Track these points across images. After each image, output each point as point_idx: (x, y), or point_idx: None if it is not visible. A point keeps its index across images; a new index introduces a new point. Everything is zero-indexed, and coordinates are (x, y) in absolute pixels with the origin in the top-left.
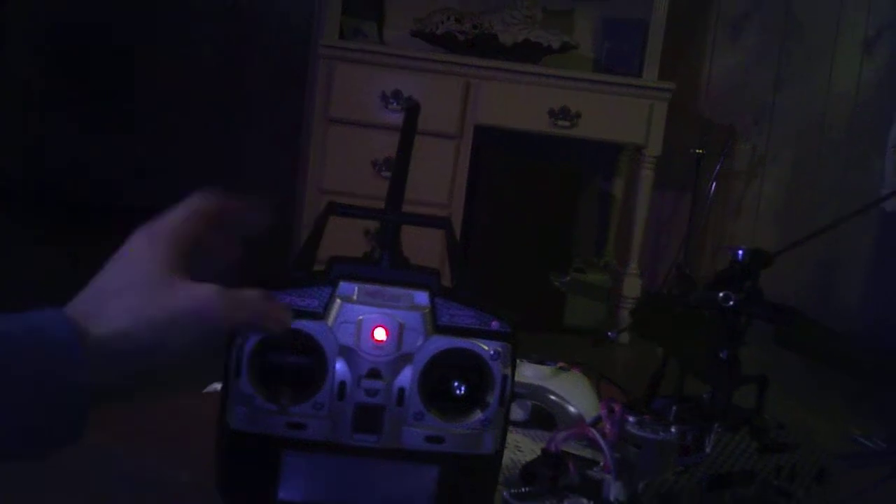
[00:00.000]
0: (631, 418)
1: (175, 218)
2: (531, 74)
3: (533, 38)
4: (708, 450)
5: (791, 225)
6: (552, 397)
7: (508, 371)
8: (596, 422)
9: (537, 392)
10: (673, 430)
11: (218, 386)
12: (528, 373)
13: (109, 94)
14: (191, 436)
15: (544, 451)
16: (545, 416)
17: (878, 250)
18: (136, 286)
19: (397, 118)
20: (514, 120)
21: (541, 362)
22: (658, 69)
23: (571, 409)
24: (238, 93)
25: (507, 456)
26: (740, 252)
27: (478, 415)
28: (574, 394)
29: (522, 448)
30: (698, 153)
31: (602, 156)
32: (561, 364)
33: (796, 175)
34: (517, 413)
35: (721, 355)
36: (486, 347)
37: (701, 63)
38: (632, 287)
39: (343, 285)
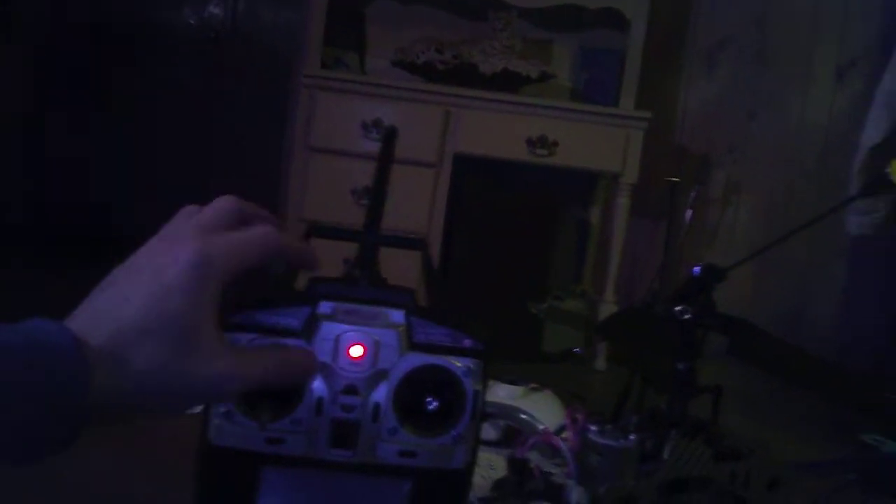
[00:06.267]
0: (593, 427)
1: (238, 251)
2: (510, 103)
3: (512, 67)
4: (666, 456)
5: (766, 253)
6: (523, 416)
7: (480, 387)
8: (560, 431)
9: (509, 411)
10: (632, 437)
11: (198, 408)
12: (501, 393)
13: (87, 123)
14: (171, 455)
15: (510, 458)
16: (518, 436)
17: (849, 276)
18: (167, 336)
19: (378, 147)
20: (493, 148)
21: (513, 383)
22: (634, 99)
23: (541, 427)
24: (220, 122)
25: (480, 474)
26: (696, 269)
27: (450, 430)
28: (544, 413)
29: (495, 466)
30: (674, 181)
31: (579, 184)
32: (533, 385)
33: (770, 203)
34: (490, 432)
35: (679, 367)
36: (458, 364)
37: (676, 93)
38: (608, 314)
39: (322, 304)
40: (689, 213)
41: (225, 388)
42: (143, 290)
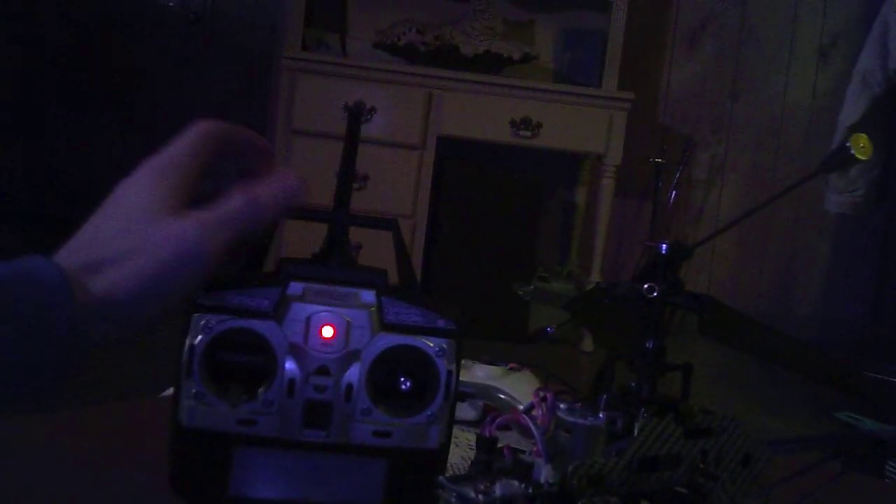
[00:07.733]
0: (562, 405)
1: (180, 147)
2: (492, 85)
3: (494, 49)
4: (635, 435)
5: (749, 231)
6: (501, 396)
7: (453, 367)
8: (529, 409)
9: (487, 391)
10: (601, 415)
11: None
12: (480, 373)
13: (66, 104)
14: (147, 438)
15: (479, 436)
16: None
17: (834, 254)
18: (129, 231)
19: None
20: (477, 130)
21: (492, 363)
22: (617, 79)
23: (520, 407)
24: (201, 104)
25: (459, 454)
26: (663, 246)
27: (424, 410)
28: (523, 392)
29: (475, 446)
30: (658, 162)
31: (563, 165)
32: (512, 365)
33: (754, 182)
34: (469, 412)
35: (647, 345)
36: (431, 344)
37: (659, 73)
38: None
39: (292, 285)
40: (672, 193)
41: (188, 255)
42: (107, 207)
